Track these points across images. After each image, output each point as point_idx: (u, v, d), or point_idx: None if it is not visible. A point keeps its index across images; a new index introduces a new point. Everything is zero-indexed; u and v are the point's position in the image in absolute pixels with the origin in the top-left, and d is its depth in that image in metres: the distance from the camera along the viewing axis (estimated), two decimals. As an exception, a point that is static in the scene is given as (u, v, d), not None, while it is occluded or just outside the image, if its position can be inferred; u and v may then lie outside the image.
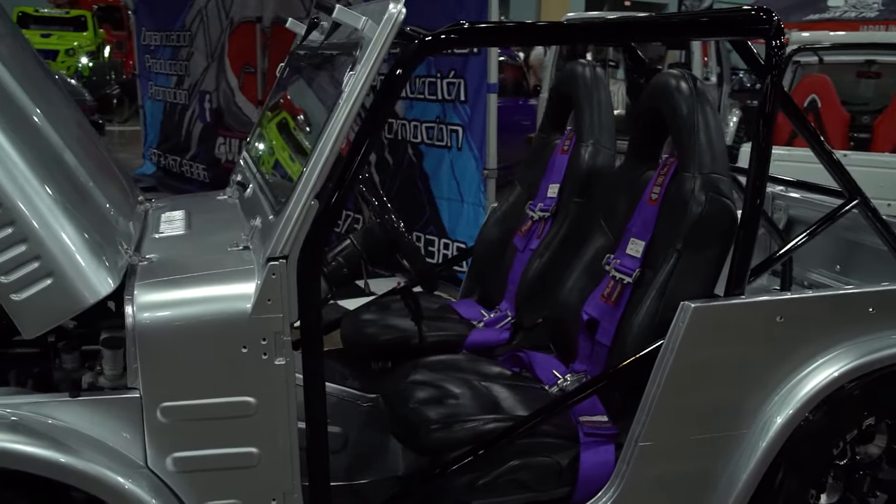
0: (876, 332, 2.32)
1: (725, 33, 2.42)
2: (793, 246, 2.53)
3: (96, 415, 1.94)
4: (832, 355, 2.30)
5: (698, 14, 2.47)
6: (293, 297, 1.96)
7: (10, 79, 2.08)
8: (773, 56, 2.22)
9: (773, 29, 2.22)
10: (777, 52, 2.22)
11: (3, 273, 1.83)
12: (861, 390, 2.32)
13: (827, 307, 2.35)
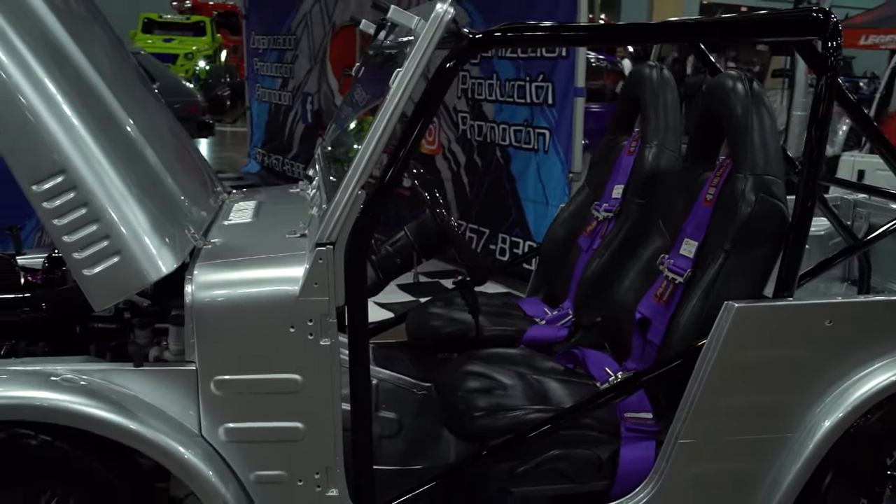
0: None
1: (785, 34, 2.40)
2: (847, 250, 2.49)
3: (157, 385, 2.09)
4: (886, 361, 2.25)
5: (757, 16, 2.45)
6: (339, 281, 2.07)
7: (95, 74, 2.25)
8: (828, 57, 2.20)
9: (830, 30, 2.20)
10: (832, 54, 2.20)
11: (76, 250, 2.00)
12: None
13: (879, 312, 2.30)
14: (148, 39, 20.16)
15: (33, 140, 1.97)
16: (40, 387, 2.01)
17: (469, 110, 6.59)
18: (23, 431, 1.99)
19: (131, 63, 2.96)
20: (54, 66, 2.06)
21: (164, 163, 2.42)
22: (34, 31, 2.09)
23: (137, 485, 2.14)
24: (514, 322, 3.12)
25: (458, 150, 6.80)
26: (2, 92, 1.95)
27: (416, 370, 2.90)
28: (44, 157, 1.98)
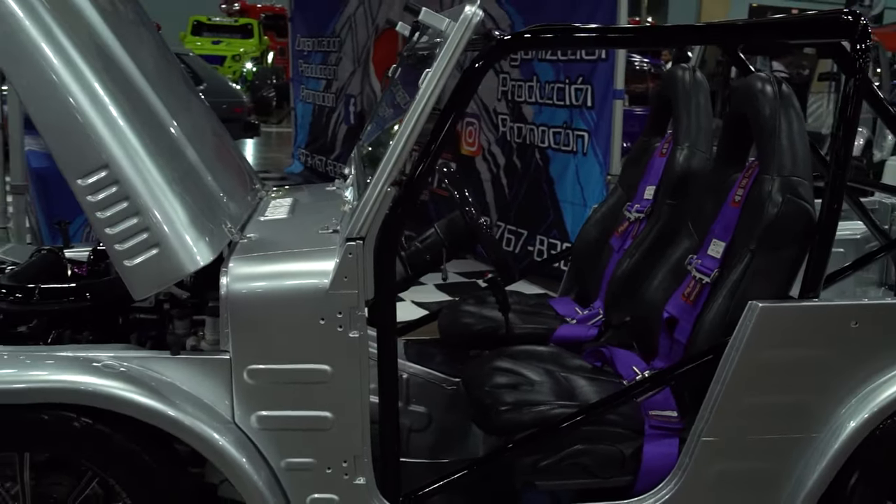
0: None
1: (815, 35, 2.41)
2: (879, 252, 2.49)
3: (192, 373, 2.17)
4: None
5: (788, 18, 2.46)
6: (369, 276, 2.14)
7: (140, 75, 2.35)
8: (857, 59, 2.21)
9: (859, 32, 2.21)
10: (861, 55, 2.21)
11: (117, 241, 2.09)
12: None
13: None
14: (197, 41, 20.53)
15: (79, 137, 2.07)
16: (83, 372, 2.10)
17: (509, 112, 6.64)
18: (66, 414, 2.09)
19: (176, 65, 3.06)
20: (101, 68, 2.15)
21: (204, 161, 2.51)
22: (83, 33, 2.19)
23: (173, 469, 2.22)
24: (545, 320, 3.16)
25: (498, 151, 6.84)
26: (51, 92, 2.04)
27: (447, 366, 2.95)
28: (89, 153, 2.07)
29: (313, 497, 2.21)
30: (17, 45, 2.02)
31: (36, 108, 2.07)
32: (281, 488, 2.20)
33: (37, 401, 2.08)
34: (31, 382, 2.09)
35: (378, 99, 9.02)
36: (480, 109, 6.97)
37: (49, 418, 2.09)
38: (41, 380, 2.09)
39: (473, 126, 7.13)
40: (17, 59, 2.03)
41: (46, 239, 5.07)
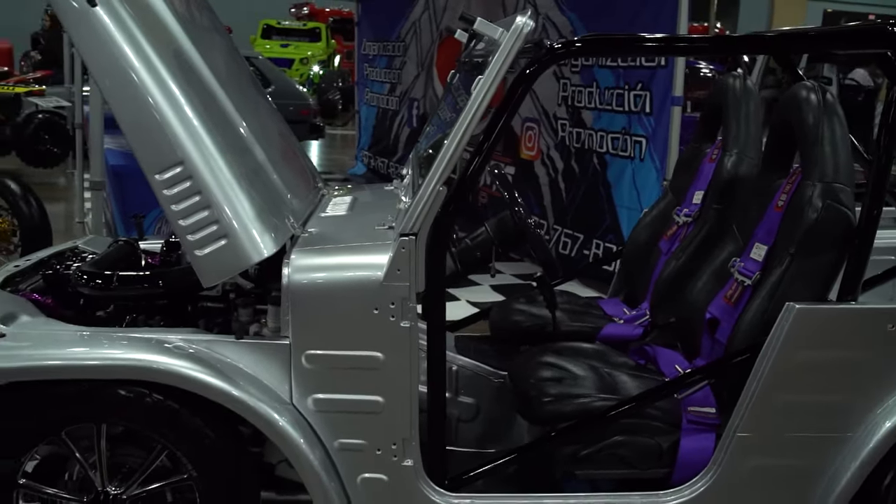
0: None
1: (861, 46, 2.47)
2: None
3: (255, 356, 2.33)
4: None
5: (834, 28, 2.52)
6: (420, 269, 2.27)
7: (213, 78, 2.52)
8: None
9: (899, 43, 2.27)
10: (902, 64, 2.26)
11: (189, 232, 2.26)
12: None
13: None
14: (266, 45, 21.00)
15: (157, 135, 2.24)
16: (156, 352, 2.28)
17: (568, 117, 6.72)
18: (140, 390, 2.26)
19: (245, 68, 3.24)
20: (178, 71, 2.33)
21: (270, 159, 2.67)
22: (163, 39, 2.36)
23: (236, 446, 2.38)
24: (593, 319, 3.26)
25: (557, 156, 6.93)
26: (133, 93, 2.22)
27: (496, 360, 3.07)
28: (165, 150, 2.24)
29: (364, 477, 2.35)
30: (105, 51, 2.21)
31: (119, 107, 2.25)
32: (334, 467, 2.34)
33: (113, 377, 2.27)
34: (109, 360, 2.27)
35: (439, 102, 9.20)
36: (540, 114, 7.06)
37: (124, 393, 2.27)
38: (118, 358, 2.27)
39: (533, 130, 7.23)
40: (104, 63, 2.22)
41: (120, 231, 5.34)
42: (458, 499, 2.37)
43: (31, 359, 2.27)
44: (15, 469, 2.34)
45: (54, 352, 2.30)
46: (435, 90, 9.21)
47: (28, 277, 2.80)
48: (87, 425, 2.34)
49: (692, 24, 18.32)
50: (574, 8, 6.62)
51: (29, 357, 2.27)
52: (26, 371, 2.24)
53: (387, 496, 2.35)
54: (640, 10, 5.85)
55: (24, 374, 2.24)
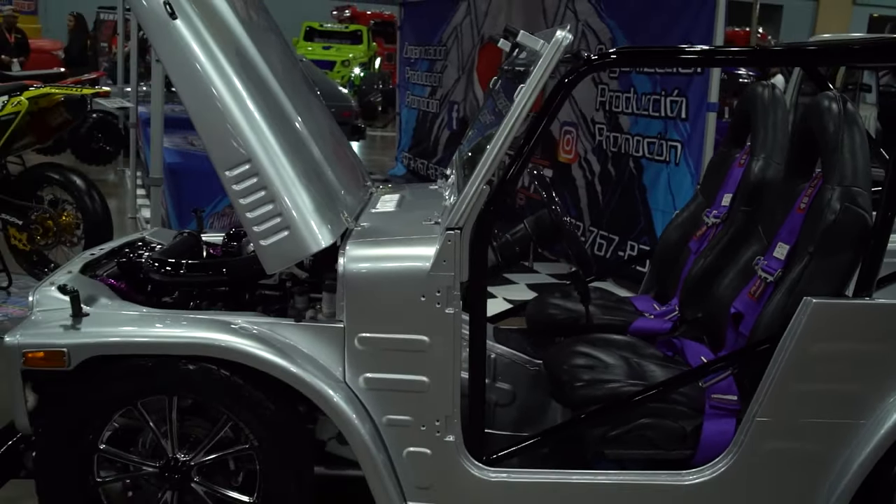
0: None
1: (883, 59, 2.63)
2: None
3: (311, 338, 2.56)
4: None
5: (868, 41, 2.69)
6: (464, 261, 2.48)
7: (272, 78, 2.75)
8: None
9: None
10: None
11: (255, 224, 2.49)
12: None
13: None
14: (308, 47, 21.36)
15: (227, 135, 2.48)
16: (222, 331, 2.51)
17: (606, 122, 6.88)
18: (208, 366, 2.50)
19: (299, 68, 3.47)
20: (246, 77, 2.56)
21: (325, 157, 2.90)
22: (231, 44, 2.60)
23: (293, 421, 2.60)
24: (624, 314, 3.44)
25: (594, 159, 7.09)
26: (208, 98, 2.46)
27: (532, 350, 3.27)
28: (235, 149, 2.48)
29: (409, 450, 2.56)
30: (183, 59, 2.45)
31: (194, 109, 2.49)
32: (382, 441, 2.55)
33: (185, 353, 2.50)
34: (182, 338, 2.51)
35: (480, 107, 9.39)
36: (578, 118, 7.22)
37: (193, 368, 2.50)
38: (189, 336, 2.51)
39: (571, 134, 7.40)
40: (183, 69, 2.46)
41: (174, 225, 5.62)
42: (495, 473, 2.57)
43: (112, 335, 2.51)
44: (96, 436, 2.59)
45: (132, 329, 2.55)
46: (475, 94, 9.41)
47: (104, 265, 3.05)
48: (159, 397, 2.57)
49: (734, 30, 18.20)
50: (613, 15, 6.77)
51: (111, 334, 2.51)
52: (109, 346, 2.49)
53: (430, 469, 2.56)
54: (678, 18, 6.00)
55: (107, 349, 2.49)
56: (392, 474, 2.55)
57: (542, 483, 2.58)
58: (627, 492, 2.58)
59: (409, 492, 2.57)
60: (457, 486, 2.56)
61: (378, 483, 2.53)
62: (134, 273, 2.99)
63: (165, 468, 2.61)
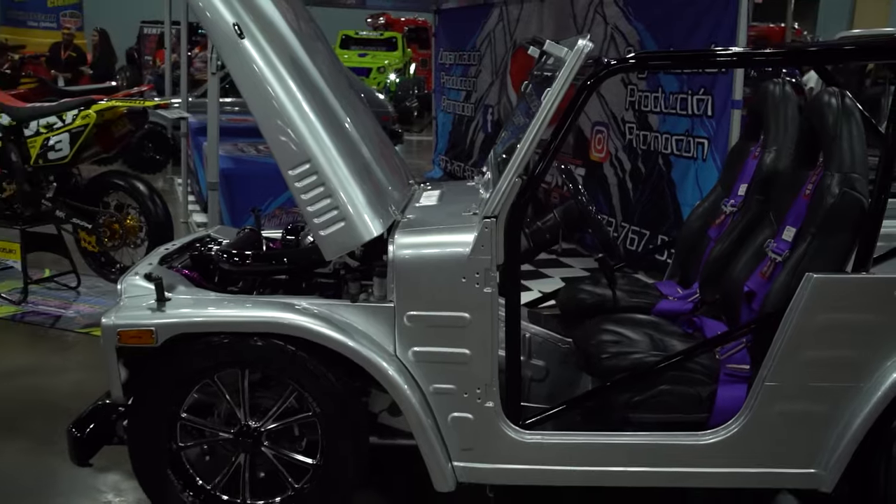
0: None
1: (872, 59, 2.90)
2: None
3: (365, 317, 2.88)
4: (947, 328, 2.72)
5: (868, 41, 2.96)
6: (500, 246, 2.79)
7: (323, 83, 3.08)
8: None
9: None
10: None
11: (315, 216, 2.83)
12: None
13: (942, 287, 2.76)
14: (345, 54, 21.78)
15: (289, 139, 2.82)
16: (288, 311, 2.85)
17: (635, 121, 7.14)
18: (276, 342, 2.83)
19: (344, 72, 3.81)
20: (300, 82, 2.89)
21: (373, 156, 3.23)
22: (287, 55, 2.92)
23: (350, 391, 2.93)
24: (649, 297, 3.73)
25: (624, 157, 7.35)
26: (272, 106, 2.79)
27: (563, 331, 3.57)
28: (296, 151, 2.81)
29: (453, 416, 2.87)
30: (251, 74, 2.79)
31: (261, 118, 2.83)
32: (430, 408, 2.87)
33: (255, 331, 2.84)
34: (253, 317, 2.85)
35: (513, 109, 9.68)
36: (609, 118, 7.49)
37: (263, 344, 2.84)
38: (260, 316, 2.85)
39: (602, 134, 7.67)
40: (250, 83, 2.80)
41: (228, 224, 6.00)
42: (530, 435, 2.88)
43: (193, 316, 2.86)
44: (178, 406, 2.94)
45: (209, 311, 2.90)
46: (508, 97, 9.70)
47: (177, 258, 3.41)
48: (233, 371, 2.92)
49: (768, 26, 18.08)
50: (640, 18, 7.03)
51: (192, 315, 2.87)
52: (190, 325, 2.84)
53: (472, 432, 2.87)
54: (702, 20, 6.25)
55: (189, 327, 2.84)
56: (439, 437, 2.87)
57: (572, 444, 2.88)
58: (649, 451, 2.87)
59: (455, 453, 2.89)
60: (496, 447, 2.88)
61: (427, 445, 2.85)
62: (205, 264, 3.35)
63: (239, 434, 2.96)
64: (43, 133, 5.40)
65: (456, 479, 2.89)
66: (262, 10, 2.93)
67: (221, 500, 3.00)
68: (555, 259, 6.85)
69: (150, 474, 2.96)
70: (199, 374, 2.90)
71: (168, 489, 2.96)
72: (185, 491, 2.98)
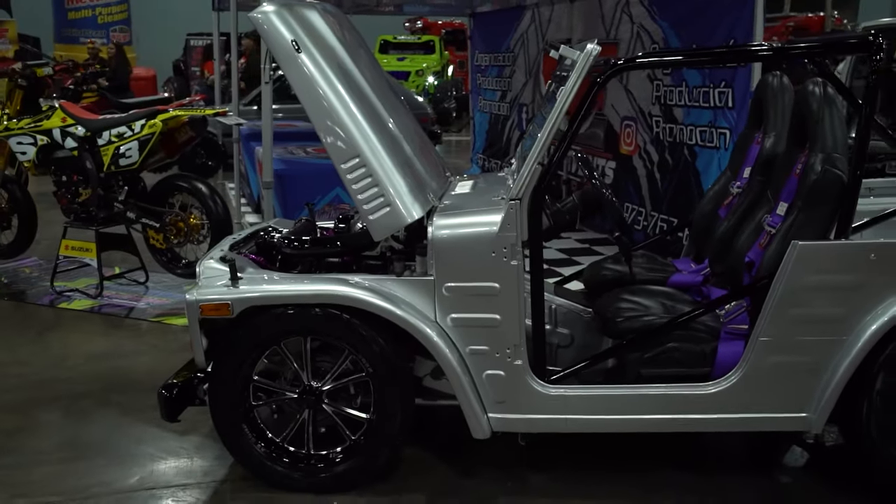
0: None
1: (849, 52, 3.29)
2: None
3: (410, 289, 3.33)
4: (918, 286, 3.10)
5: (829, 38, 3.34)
6: (524, 224, 3.23)
7: (367, 86, 3.53)
8: (872, 65, 3.10)
9: (874, 47, 3.10)
10: (876, 64, 3.09)
11: (365, 203, 3.29)
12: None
13: (914, 249, 3.14)
14: (384, 59, 22.32)
15: (341, 137, 3.28)
16: (342, 285, 3.31)
17: (662, 115, 7.49)
18: (333, 312, 3.30)
19: (385, 77, 4.27)
20: (348, 87, 3.35)
21: (414, 151, 3.69)
22: (337, 64, 3.39)
23: (397, 355, 3.38)
24: (664, 271, 4.13)
25: (653, 150, 7.71)
26: (326, 109, 3.26)
27: (587, 303, 3.99)
28: (347, 147, 3.28)
29: (487, 373, 3.31)
30: (307, 82, 3.26)
31: (316, 120, 3.29)
32: (466, 367, 3.31)
33: (316, 302, 3.30)
34: (315, 291, 3.31)
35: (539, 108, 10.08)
36: (637, 113, 7.86)
37: (322, 314, 3.30)
38: (320, 289, 3.31)
39: (631, 128, 8.04)
40: (307, 90, 3.27)
41: (282, 221, 6.50)
42: (555, 389, 3.31)
43: (263, 291, 3.34)
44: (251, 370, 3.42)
45: (276, 287, 3.37)
46: (542, 95, 10.07)
47: (243, 245, 3.90)
48: (297, 338, 3.39)
49: (807, 16, 18.00)
50: (665, 17, 7.39)
51: (261, 290, 3.34)
52: (261, 299, 3.32)
53: (504, 387, 3.31)
54: (722, 17, 6.59)
55: (259, 301, 3.32)
56: (475, 392, 3.31)
57: (591, 395, 3.31)
58: (659, 401, 3.28)
59: (489, 405, 3.33)
60: (525, 400, 3.31)
61: (465, 399, 3.29)
62: (269, 250, 3.83)
63: (303, 393, 3.43)
64: (114, 142, 5.96)
65: (491, 428, 3.33)
66: (315, 27, 3.41)
67: (289, 450, 3.47)
68: (587, 248, 7.24)
69: (229, 429, 3.45)
70: (269, 340, 3.38)
71: (244, 442, 3.44)
72: (258, 443, 3.46)
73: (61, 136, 6.14)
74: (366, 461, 3.42)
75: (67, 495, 3.46)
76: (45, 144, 6.20)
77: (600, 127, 8.57)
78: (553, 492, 3.47)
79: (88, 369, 4.89)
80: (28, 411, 4.29)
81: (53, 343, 5.41)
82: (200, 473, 3.65)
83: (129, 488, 3.53)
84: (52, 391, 4.54)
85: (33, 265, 7.14)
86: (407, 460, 3.64)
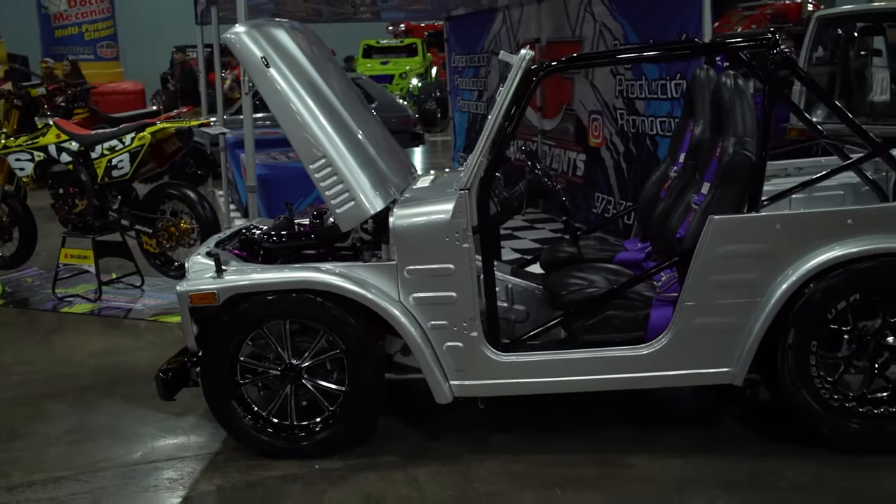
0: (851, 238, 3.49)
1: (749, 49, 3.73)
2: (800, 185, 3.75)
3: (375, 274, 3.75)
4: (818, 251, 3.51)
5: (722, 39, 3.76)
6: (474, 211, 3.64)
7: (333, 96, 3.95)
8: (770, 59, 3.53)
9: (772, 43, 3.53)
10: (773, 58, 3.52)
11: (332, 198, 3.70)
12: (842, 275, 3.50)
13: (814, 220, 3.55)
14: (367, 63, 22.70)
15: (308, 140, 3.70)
16: (316, 272, 3.72)
17: (625, 107, 7.90)
18: (309, 296, 3.71)
19: (353, 87, 4.69)
20: (315, 98, 3.77)
21: (378, 152, 4.11)
22: (304, 78, 3.80)
23: (368, 332, 3.79)
24: (612, 251, 4.55)
25: (618, 141, 8.11)
26: (294, 117, 3.67)
27: (541, 281, 4.40)
28: (313, 149, 3.69)
29: (447, 345, 3.72)
30: (276, 94, 3.68)
31: (287, 128, 3.71)
32: (429, 340, 3.72)
33: (292, 288, 3.71)
34: (289, 278, 3.72)
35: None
36: (602, 107, 8.27)
37: (298, 298, 3.71)
38: (295, 276, 3.72)
39: (598, 121, 8.44)
40: (276, 101, 3.69)
41: (268, 223, 6.91)
42: (507, 356, 3.72)
43: (245, 280, 3.76)
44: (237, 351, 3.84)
45: (257, 276, 3.78)
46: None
47: (229, 241, 4.31)
48: (277, 322, 3.80)
49: (784, 3, 18.30)
50: (624, 15, 7.79)
51: (244, 280, 3.76)
52: (243, 287, 3.73)
53: (462, 356, 3.72)
54: (675, 15, 7.00)
55: (242, 289, 3.73)
56: (437, 362, 3.72)
57: (541, 361, 3.73)
58: (599, 363, 3.69)
59: (450, 373, 3.74)
60: (481, 367, 3.73)
61: (429, 369, 3.70)
62: (250, 245, 4.25)
63: (285, 370, 3.84)
64: (107, 155, 6.37)
65: (453, 394, 3.75)
66: (282, 44, 3.83)
67: (273, 422, 3.88)
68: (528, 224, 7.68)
69: (219, 405, 3.86)
70: (252, 324, 3.79)
71: (233, 415, 3.86)
72: (246, 417, 3.87)
73: (57, 152, 6.55)
74: (343, 429, 3.84)
75: (78, 470, 3.88)
76: (41, 160, 6.61)
77: (570, 121, 8.99)
78: (513, 449, 3.89)
79: (92, 365, 5.29)
80: (37, 403, 4.70)
81: (58, 344, 5.83)
82: (196, 447, 4.06)
83: (134, 462, 3.94)
84: (59, 386, 4.95)
85: (35, 275, 7.56)
86: (381, 429, 4.05)
